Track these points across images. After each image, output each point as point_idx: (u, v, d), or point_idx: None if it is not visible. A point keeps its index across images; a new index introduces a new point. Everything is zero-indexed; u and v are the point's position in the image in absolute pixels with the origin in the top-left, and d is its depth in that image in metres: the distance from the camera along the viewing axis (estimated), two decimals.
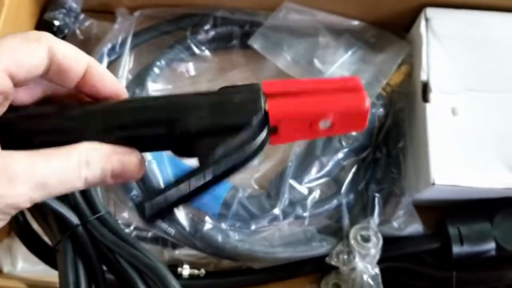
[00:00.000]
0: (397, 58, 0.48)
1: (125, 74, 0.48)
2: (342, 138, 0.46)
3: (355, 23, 0.50)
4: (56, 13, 0.49)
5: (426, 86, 0.44)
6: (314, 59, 0.47)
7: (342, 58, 0.48)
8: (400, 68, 0.48)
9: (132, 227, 0.44)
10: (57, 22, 0.48)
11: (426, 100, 0.44)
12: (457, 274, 0.43)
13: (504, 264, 0.43)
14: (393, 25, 0.50)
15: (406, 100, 0.47)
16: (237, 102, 0.24)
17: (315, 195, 0.45)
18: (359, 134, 0.46)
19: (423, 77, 0.45)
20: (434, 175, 0.41)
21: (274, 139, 0.25)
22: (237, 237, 0.43)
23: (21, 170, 0.22)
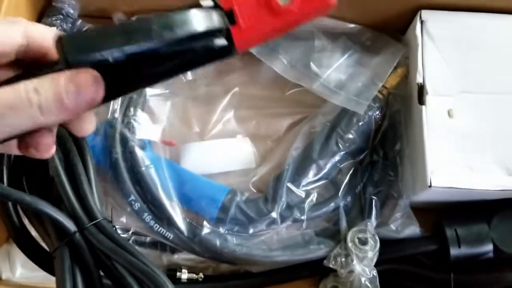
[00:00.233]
0: (393, 61, 0.48)
1: None
2: (339, 141, 0.46)
3: (351, 26, 0.50)
4: (53, 19, 0.49)
5: (422, 89, 0.44)
6: (311, 63, 0.47)
7: (338, 61, 0.48)
8: (396, 70, 0.48)
9: (130, 232, 0.44)
10: (54, 28, 0.49)
11: (422, 102, 0.44)
12: (455, 276, 0.43)
13: (502, 266, 0.43)
14: (389, 27, 0.50)
15: (402, 102, 0.47)
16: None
17: (313, 198, 0.45)
18: (356, 137, 0.46)
19: (419, 79, 0.45)
20: (430, 177, 0.41)
21: (238, 34, 0.24)
22: (235, 241, 0.43)
23: None
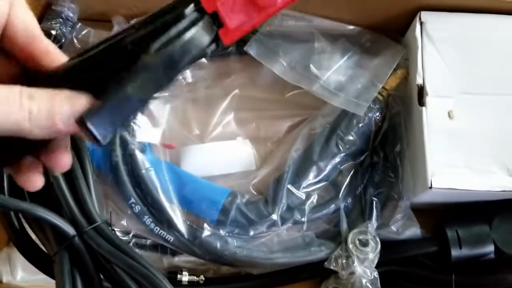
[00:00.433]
0: (392, 62, 0.48)
1: None
2: (339, 143, 0.46)
3: (351, 28, 0.50)
4: (52, 22, 0.49)
5: (422, 90, 0.44)
6: (310, 65, 0.47)
7: (338, 63, 0.48)
8: (396, 72, 0.48)
9: (131, 235, 0.44)
10: (53, 31, 0.49)
11: (422, 103, 0.44)
12: (456, 278, 0.42)
13: (503, 267, 0.43)
14: (388, 29, 0.50)
15: (402, 104, 0.47)
16: (166, 5, 0.23)
17: (313, 200, 0.45)
18: (356, 139, 0.46)
19: (419, 80, 0.45)
20: (431, 179, 0.41)
21: (225, 34, 0.24)
22: (235, 243, 0.43)
23: None
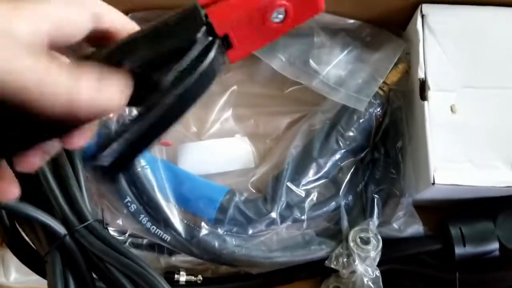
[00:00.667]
0: (393, 57, 0.47)
1: None
2: (340, 139, 0.45)
3: (351, 22, 0.49)
4: None
5: (423, 84, 0.44)
6: (310, 59, 0.46)
7: (337, 57, 0.47)
8: (397, 66, 0.47)
9: (127, 234, 0.44)
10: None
11: (424, 98, 0.43)
12: (460, 276, 0.42)
13: (508, 264, 0.43)
14: (389, 23, 0.49)
15: (403, 98, 0.47)
16: (173, 23, 0.22)
17: (313, 198, 0.44)
18: (357, 135, 0.45)
19: (421, 74, 0.44)
20: (433, 175, 0.40)
21: (232, 54, 0.23)
22: (234, 242, 0.43)
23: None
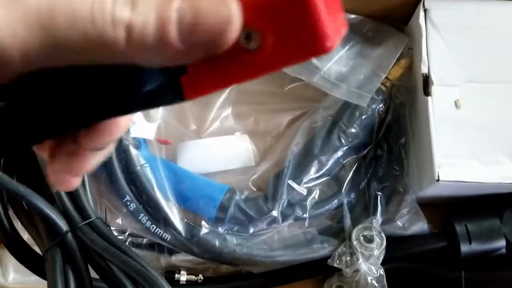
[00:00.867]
0: (396, 52, 0.46)
1: None
2: (342, 136, 0.44)
3: (352, 17, 0.48)
4: None
5: (427, 79, 0.43)
6: None
7: (339, 53, 0.46)
8: (399, 61, 0.46)
9: (126, 234, 0.43)
10: None
11: (428, 93, 0.42)
12: (466, 274, 0.41)
13: None
14: (391, 17, 0.48)
15: (406, 94, 0.46)
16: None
17: (315, 196, 0.44)
18: (359, 131, 0.45)
19: (424, 70, 0.43)
20: (438, 171, 0.39)
21: (187, 81, 0.16)
22: (235, 241, 0.42)
23: None
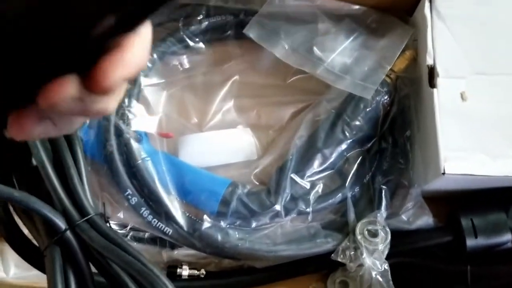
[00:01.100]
0: (400, 43, 0.45)
1: None
2: (345, 129, 0.44)
3: (356, 8, 0.47)
4: None
5: (432, 71, 0.42)
6: (314, 47, 0.45)
7: (343, 44, 0.46)
8: (404, 53, 0.45)
9: (128, 228, 0.43)
10: None
11: (433, 85, 0.42)
12: (471, 269, 0.41)
13: None
14: (395, 8, 0.48)
15: (411, 86, 0.45)
16: None
17: (318, 189, 0.43)
18: (364, 124, 0.44)
19: (429, 61, 0.42)
20: (443, 164, 0.39)
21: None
22: (237, 235, 0.42)
23: None
